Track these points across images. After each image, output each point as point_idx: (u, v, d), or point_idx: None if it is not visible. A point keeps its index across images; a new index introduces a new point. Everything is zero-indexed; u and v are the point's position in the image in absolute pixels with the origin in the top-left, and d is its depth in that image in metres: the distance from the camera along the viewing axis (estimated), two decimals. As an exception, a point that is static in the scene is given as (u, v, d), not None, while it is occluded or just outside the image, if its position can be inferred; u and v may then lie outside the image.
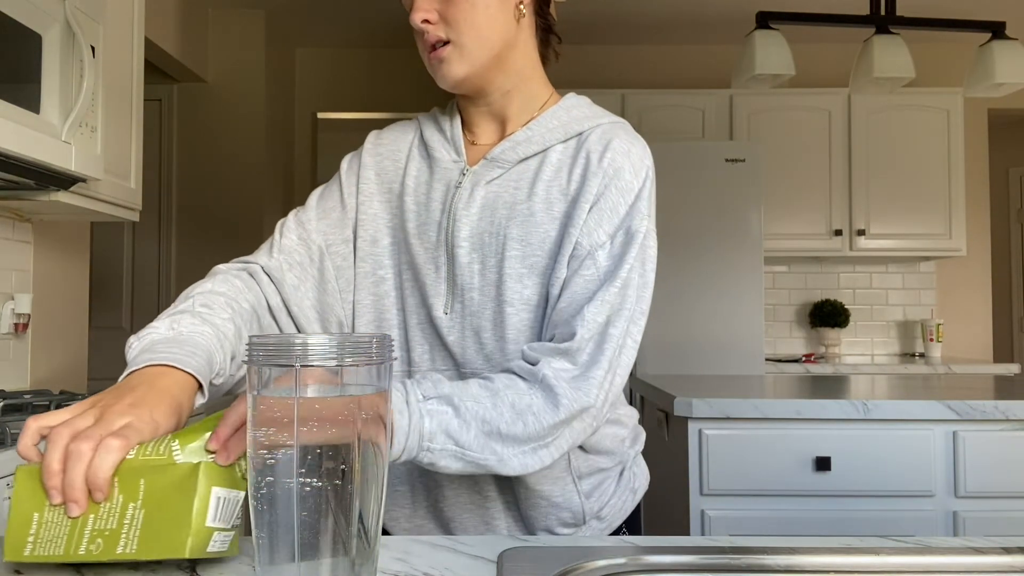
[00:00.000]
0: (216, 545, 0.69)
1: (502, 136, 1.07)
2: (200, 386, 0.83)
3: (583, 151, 1.01)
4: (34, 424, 0.72)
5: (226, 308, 0.94)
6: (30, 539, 0.66)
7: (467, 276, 1.01)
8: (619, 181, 0.99)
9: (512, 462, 0.88)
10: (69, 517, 0.66)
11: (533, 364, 0.92)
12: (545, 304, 0.99)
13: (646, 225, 0.98)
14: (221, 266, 1.03)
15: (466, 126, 1.10)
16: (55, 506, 0.67)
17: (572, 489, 1.04)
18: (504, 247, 1.00)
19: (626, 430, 1.11)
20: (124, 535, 0.66)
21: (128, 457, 0.68)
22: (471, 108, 1.08)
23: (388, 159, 1.11)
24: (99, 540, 0.66)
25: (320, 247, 1.06)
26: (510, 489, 1.04)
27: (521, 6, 1.03)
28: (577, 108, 1.06)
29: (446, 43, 1.00)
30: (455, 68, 1.01)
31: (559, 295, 0.97)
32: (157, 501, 0.67)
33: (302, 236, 1.06)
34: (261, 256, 1.05)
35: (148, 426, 0.73)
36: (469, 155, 1.07)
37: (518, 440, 0.88)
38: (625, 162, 0.99)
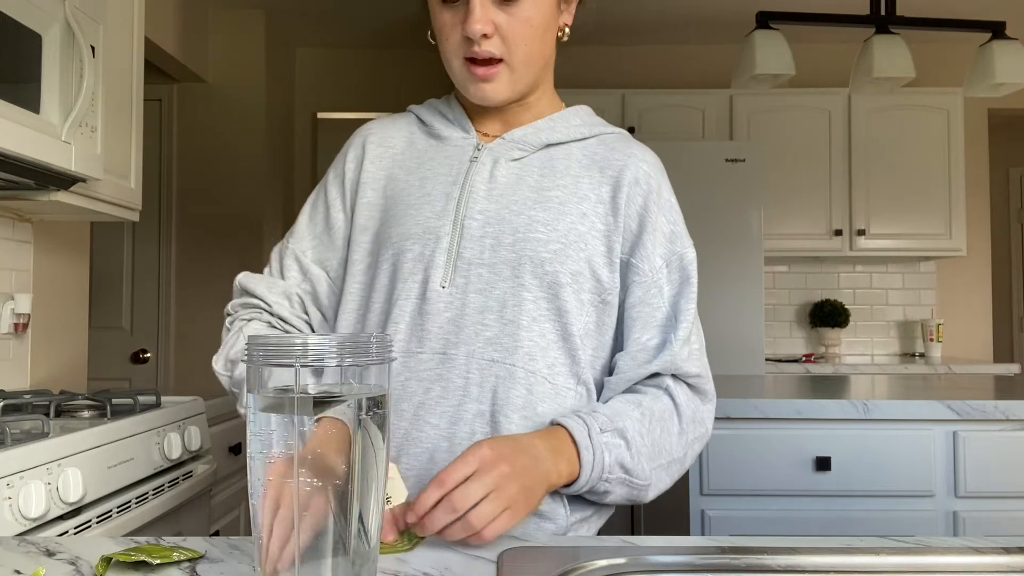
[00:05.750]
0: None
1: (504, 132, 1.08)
2: None
3: (614, 156, 1.04)
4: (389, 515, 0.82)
5: None
6: None
7: (477, 250, 0.98)
8: (659, 199, 1.04)
9: (659, 484, 0.99)
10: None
11: (661, 387, 1.00)
12: (565, 294, 0.98)
13: (692, 253, 1.07)
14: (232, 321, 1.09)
15: (468, 118, 1.09)
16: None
17: (560, 502, 1.00)
18: (529, 228, 0.98)
19: None
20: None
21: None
22: (480, 107, 1.06)
23: (379, 146, 1.09)
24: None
25: (317, 275, 1.08)
26: None
27: (566, 28, 1.05)
28: (588, 116, 1.10)
29: (498, 61, 0.97)
30: (503, 91, 1.00)
31: (627, 320, 1.02)
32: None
33: (301, 270, 1.08)
34: (261, 289, 1.07)
35: None
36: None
37: (663, 467, 0.98)
38: (660, 178, 1.05)
